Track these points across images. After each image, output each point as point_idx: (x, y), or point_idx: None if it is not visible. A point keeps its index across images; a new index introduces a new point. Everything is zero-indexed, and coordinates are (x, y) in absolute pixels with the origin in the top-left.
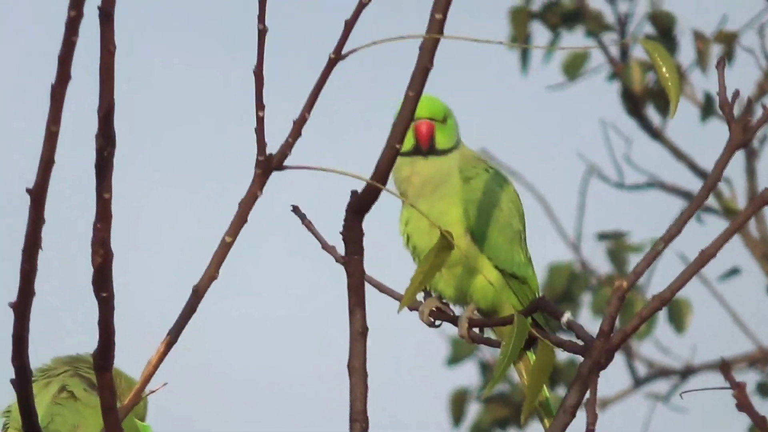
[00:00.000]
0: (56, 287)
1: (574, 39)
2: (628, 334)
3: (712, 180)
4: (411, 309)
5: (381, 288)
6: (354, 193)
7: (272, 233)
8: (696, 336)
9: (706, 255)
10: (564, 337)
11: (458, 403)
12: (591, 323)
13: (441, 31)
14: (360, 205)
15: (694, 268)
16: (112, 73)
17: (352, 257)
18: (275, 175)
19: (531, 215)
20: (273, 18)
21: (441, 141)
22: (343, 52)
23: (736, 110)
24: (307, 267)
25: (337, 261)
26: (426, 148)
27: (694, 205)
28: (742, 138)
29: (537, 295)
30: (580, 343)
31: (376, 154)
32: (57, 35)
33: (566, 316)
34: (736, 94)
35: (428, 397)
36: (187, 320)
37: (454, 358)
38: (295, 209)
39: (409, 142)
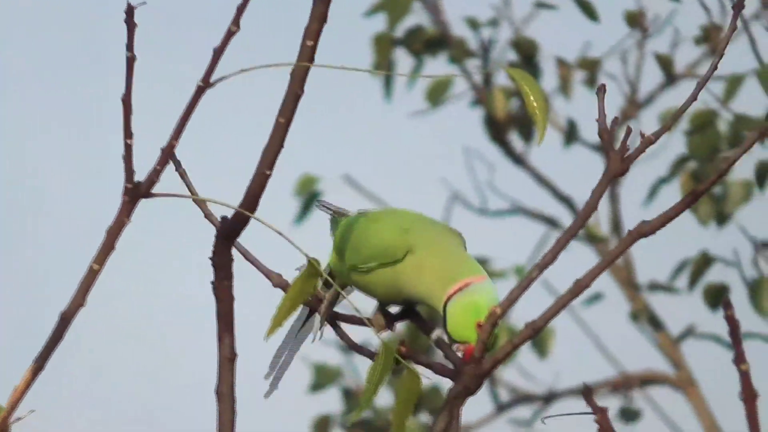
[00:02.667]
0: None
1: (438, 65)
2: (499, 360)
3: (588, 208)
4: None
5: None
6: (224, 219)
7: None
8: (559, 361)
9: (581, 285)
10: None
11: (321, 429)
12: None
13: (312, 58)
14: (229, 230)
15: (567, 298)
16: None
17: (222, 282)
18: (144, 203)
19: None
20: (142, 46)
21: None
22: (212, 79)
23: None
24: (176, 293)
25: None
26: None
27: (570, 232)
28: (620, 167)
29: None
30: (449, 366)
31: (247, 180)
32: None
33: (436, 332)
34: (616, 122)
35: (292, 424)
36: (54, 347)
37: (317, 385)
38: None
39: (465, 332)
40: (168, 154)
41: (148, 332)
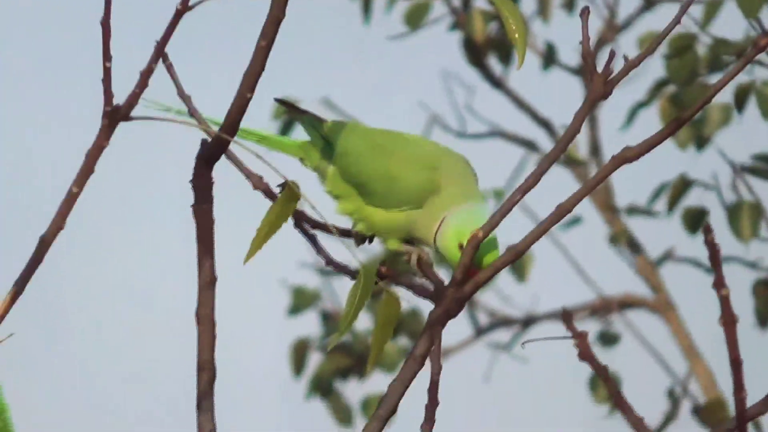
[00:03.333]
0: None
1: None
2: (480, 283)
3: (571, 132)
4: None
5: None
6: (204, 142)
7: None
8: (537, 285)
9: (563, 209)
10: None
11: (299, 352)
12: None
13: None
14: (209, 154)
15: (549, 222)
16: None
17: (201, 206)
18: (125, 126)
19: None
20: None
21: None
22: (191, 2)
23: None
24: (156, 216)
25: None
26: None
27: (552, 156)
28: (603, 90)
29: None
30: (430, 288)
31: (227, 104)
32: None
33: (415, 254)
34: (600, 46)
35: (271, 347)
36: (33, 271)
37: (296, 308)
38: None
39: (455, 257)
40: (147, 77)
41: (128, 257)
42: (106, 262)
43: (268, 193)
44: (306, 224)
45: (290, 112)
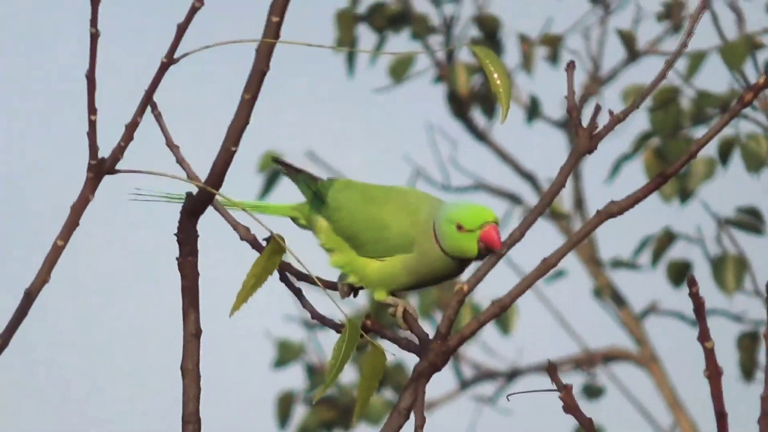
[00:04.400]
0: None
1: (400, 42)
2: (465, 337)
3: (556, 186)
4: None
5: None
6: (189, 195)
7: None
8: (522, 338)
9: (548, 263)
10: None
11: (284, 405)
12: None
13: (277, 34)
14: (194, 207)
15: (534, 276)
16: None
17: (187, 259)
18: (110, 179)
19: None
20: (106, 22)
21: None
22: (176, 55)
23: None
24: (141, 269)
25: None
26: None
27: (538, 209)
28: (589, 144)
29: None
30: (415, 341)
31: (212, 156)
32: None
33: (401, 306)
34: (584, 98)
35: (256, 400)
36: (18, 323)
37: (281, 361)
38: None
39: (473, 251)
40: (132, 131)
41: (113, 309)
42: (91, 314)
43: (255, 244)
44: (291, 277)
45: (287, 171)
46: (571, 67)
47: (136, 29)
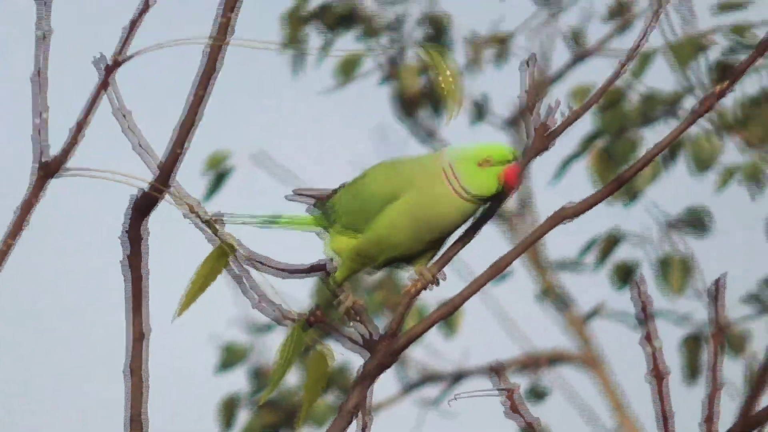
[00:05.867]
0: None
1: (348, 42)
2: (413, 336)
3: None
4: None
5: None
6: (138, 192)
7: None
8: (467, 340)
9: (500, 266)
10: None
11: (228, 409)
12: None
13: (227, 34)
14: (143, 205)
15: (485, 278)
16: None
17: (135, 257)
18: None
19: None
20: (55, 21)
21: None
22: (122, 57)
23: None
24: (88, 269)
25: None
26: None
27: (491, 210)
28: (543, 143)
29: None
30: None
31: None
32: None
33: (350, 299)
34: (540, 96)
35: (200, 403)
36: None
37: (225, 364)
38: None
39: (493, 187)
40: (79, 131)
41: (59, 310)
42: (37, 314)
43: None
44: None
45: (315, 203)
46: (530, 63)
47: (85, 28)
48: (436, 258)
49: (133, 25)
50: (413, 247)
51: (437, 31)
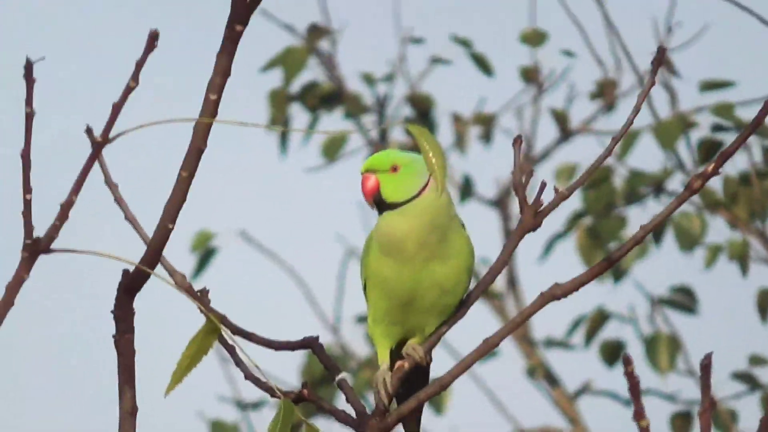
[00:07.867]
0: None
1: (333, 121)
2: (404, 414)
3: (500, 263)
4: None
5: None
6: (126, 272)
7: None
8: (455, 417)
9: (490, 344)
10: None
11: None
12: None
13: (215, 113)
14: (131, 284)
15: (475, 356)
16: None
17: (123, 336)
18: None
19: (291, 299)
20: (41, 101)
21: (389, 192)
22: (111, 135)
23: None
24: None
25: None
26: (370, 203)
27: (480, 287)
28: (533, 221)
29: None
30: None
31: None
32: None
33: (342, 374)
34: (529, 175)
35: None
36: None
37: None
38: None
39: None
40: (67, 210)
41: (49, 388)
42: (27, 394)
43: (191, 293)
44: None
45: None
46: (518, 142)
47: (71, 108)
48: (431, 336)
49: (117, 109)
50: (403, 272)
51: (421, 111)
